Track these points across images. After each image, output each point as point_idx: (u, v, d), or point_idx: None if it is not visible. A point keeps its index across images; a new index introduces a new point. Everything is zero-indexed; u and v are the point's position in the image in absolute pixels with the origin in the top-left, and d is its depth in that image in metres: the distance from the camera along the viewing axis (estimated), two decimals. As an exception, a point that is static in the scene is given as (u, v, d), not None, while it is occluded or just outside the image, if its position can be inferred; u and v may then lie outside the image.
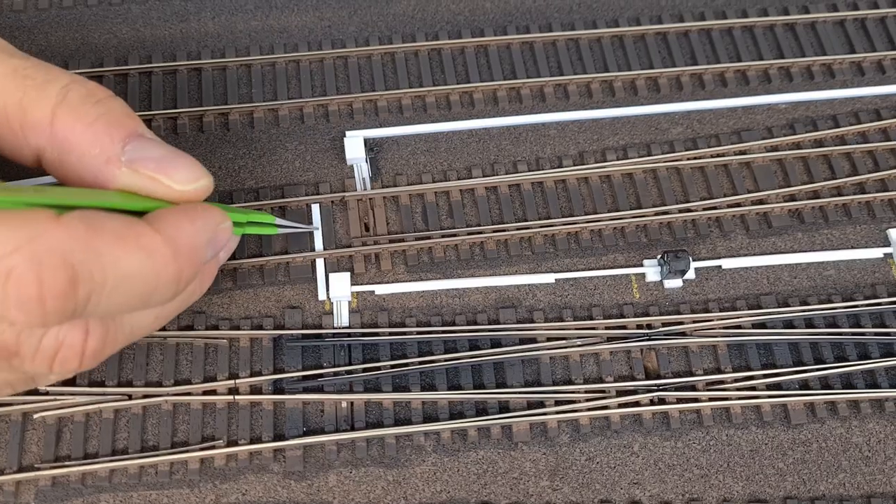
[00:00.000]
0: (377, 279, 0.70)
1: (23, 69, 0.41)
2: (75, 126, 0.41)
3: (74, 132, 0.41)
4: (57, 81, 0.41)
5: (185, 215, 0.44)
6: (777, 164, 0.76)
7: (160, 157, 0.44)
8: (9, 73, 0.40)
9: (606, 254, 0.72)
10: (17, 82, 0.40)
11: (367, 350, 0.67)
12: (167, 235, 0.42)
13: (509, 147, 0.75)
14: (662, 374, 0.67)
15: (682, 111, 0.78)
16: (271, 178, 0.73)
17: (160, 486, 0.63)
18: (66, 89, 0.41)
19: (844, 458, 0.66)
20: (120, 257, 0.39)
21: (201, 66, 0.77)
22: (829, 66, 0.80)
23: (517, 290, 0.70)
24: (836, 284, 0.71)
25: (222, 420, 0.64)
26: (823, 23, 0.83)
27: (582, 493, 0.64)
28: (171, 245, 0.42)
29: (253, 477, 0.63)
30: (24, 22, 0.80)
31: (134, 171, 0.43)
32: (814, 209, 0.74)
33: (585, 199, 0.73)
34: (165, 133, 0.74)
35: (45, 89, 0.41)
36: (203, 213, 0.45)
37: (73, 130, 0.41)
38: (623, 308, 0.69)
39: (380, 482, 0.63)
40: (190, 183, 0.45)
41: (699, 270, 0.71)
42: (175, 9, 0.81)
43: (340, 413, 0.65)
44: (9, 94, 0.40)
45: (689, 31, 0.82)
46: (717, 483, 0.65)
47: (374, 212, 0.72)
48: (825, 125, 0.77)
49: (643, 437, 0.66)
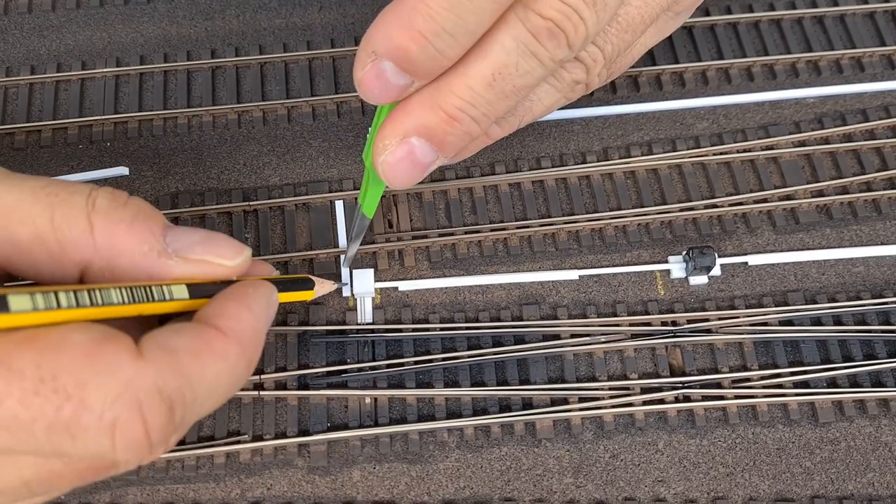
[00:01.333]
0: (400, 275, 0.70)
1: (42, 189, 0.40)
2: (117, 230, 0.41)
3: (118, 236, 0.41)
4: (80, 192, 0.41)
5: (241, 304, 0.44)
6: (805, 160, 0.75)
7: (201, 239, 0.44)
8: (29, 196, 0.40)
9: (631, 250, 0.71)
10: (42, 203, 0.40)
11: (391, 346, 0.67)
12: (232, 332, 0.42)
13: (533, 143, 0.75)
14: (687, 371, 0.67)
15: (707, 106, 0.77)
16: (295, 174, 0.73)
17: (186, 480, 0.63)
18: (91, 198, 0.41)
19: (874, 457, 0.65)
20: (203, 373, 0.40)
21: (224, 63, 0.78)
22: (859, 60, 0.79)
23: (541, 287, 0.70)
24: (865, 281, 0.70)
25: (248, 415, 0.65)
26: (853, 15, 0.81)
27: (606, 491, 0.64)
28: (238, 341, 0.42)
29: (278, 472, 0.64)
30: (52, 22, 0.81)
31: (184, 258, 0.43)
32: (842, 205, 0.73)
33: (609, 195, 0.73)
34: (190, 130, 0.75)
35: (73, 202, 0.40)
36: (255, 296, 0.45)
37: (117, 235, 0.41)
38: (648, 305, 0.69)
39: (403, 478, 0.64)
40: (237, 257, 0.45)
41: (725, 267, 0.71)
42: (200, 7, 0.82)
43: (364, 408, 0.65)
44: (37, 215, 0.40)
45: (715, 24, 0.81)
46: (743, 481, 0.64)
47: (398, 208, 0.72)
48: (854, 119, 0.76)
49: (668, 435, 0.65)
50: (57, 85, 0.77)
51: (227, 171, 0.73)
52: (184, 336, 0.40)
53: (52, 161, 0.74)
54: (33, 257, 0.40)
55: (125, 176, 0.73)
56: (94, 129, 0.75)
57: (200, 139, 0.75)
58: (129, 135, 0.75)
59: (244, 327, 0.43)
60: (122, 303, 0.40)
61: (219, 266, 0.45)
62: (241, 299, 0.44)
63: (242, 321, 0.43)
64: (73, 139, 0.75)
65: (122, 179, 0.73)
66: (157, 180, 0.73)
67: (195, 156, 0.74)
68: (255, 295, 0.45)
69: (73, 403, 0.35)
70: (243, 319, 0.43)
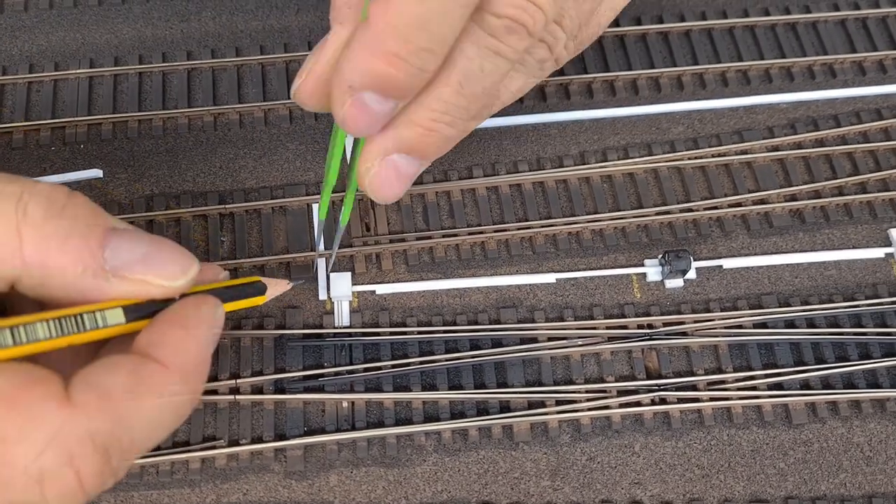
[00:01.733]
0: (378, 279, 0.70)
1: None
2: (49, 247, 0.37)
3: (50, 254, 0.37)
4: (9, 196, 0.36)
5: (181, 330, 0.40)
6: (778, 164, 0.76)
7: (144, 255, 0.40)
8: None
9: (608, 253, 0.72)
10: None
11: (368, 350, 0.67)
12: (173, 364, 0.39)
13: (510, 147, 0.75)
14: (663, 373, 0.67)
15: (683, 111, 0.78)
16: (271, 177, 0.73)
17: (161, 485, 0.62)
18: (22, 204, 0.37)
19: (846, 457, 0.66)
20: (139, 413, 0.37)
21: (199, 65, 0.77)
22: (831, 66, 0.80)
23: (518, 290, 0.70)
24: (837, 284, 0.71)
25: (223, 420, 0.64)
26: (825, 22, 0.82)
27: (583, 493, 0.64)
28: (180, 372, 0.39)
29: (254, 477, 0.63)
30: (24, 22, 0.80)
31: (122, 278, 0.39)
32: (815, 209, 0.74)
33: (587, 199, 0.73)
34: (165, 133, 0.74)
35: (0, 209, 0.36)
36: (197, 318, 0.42)
37: (48, 252, 0.37)
38: (624, 308, 0.69)
39: (381, 482, 0.63)
40: (181, 276, 0.41)
41: (700, 270, 0.71)
42: (176, 8, 0.81)
43: (341, 413, 0.65)
44: None
45: (690, 30, 0.82)
46: (719, 483, 0.65)
47: (375, 211, 0.72)
48: (826, 125, 0.77)
49: (644, 437, 0.66)
50: (29, 86, 0.76)
51: (203, 174, 0.73)
52: (118, 373, 0.37)
53: (23, 163, 0.73)
54: None
55: (99, 178, 0.72)
56: (68, 131, 0.74)
57: (176, 141, 0.74)
58: (104, 137, 0.74)
59: (187, 358, 0.39)
60: (50, 337, 0.37)
61: (160, 287, 0.41)
62: (184, 324, 0.41)
63: (185, 350, 0.39)
64: (46, 141, 0.74)
65: (95, 182, 0.72)
66: (132, 183, 0.72)
67: (170, 158, 0.73)
68: (197, 318, 0.41)
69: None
70: (186, 349, 0.40)
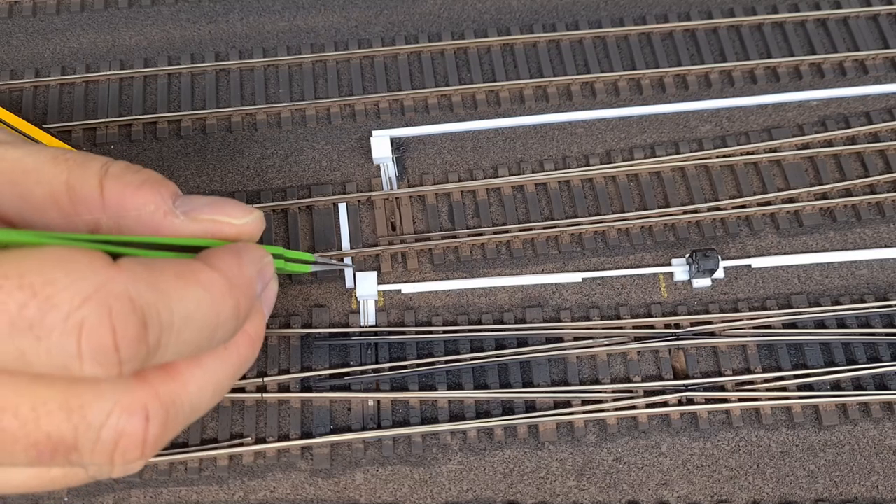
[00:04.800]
0: (404, 278, 0.70)
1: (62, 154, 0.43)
2: (125, 192, 0.43)
3: (125, 197, 0.43)
4: (96, 160, 0.43)
5: (231, 251, 0.45)
6: (808, 162, 0.74)
7: (211, 202, 0.45)
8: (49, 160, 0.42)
9: (634, 253, 0.71)
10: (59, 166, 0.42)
11: (394, 349, 0.67)
12: (220, 270, 0.42)
13: (536, 146, 0.75)
14: (691, 374, 0.67)
15: (710, 108, 0.77)
16: (298, 177, 0.73)
17: (189, 482, 0.63)
18: (106, 165, 0.43)
19: (878, 460, 0.65)
20: (182, 295, 0.39)
21: (229, 66, 0.78)
22: (862, 62, 0.79)
23: (544, 290, 0.70)
24: (868, 284, 0.70)
25: (251, 418, 0.65)
26: (856, 18, 0.81)
27: (609, 494, 0.63)
28: (225, 278, 0.42)
29: (281, 474, 0.64)
30: (56, 25, 0.81)
31: (192, 218, 0.44)
32: (846, 207, 0.73)
33: (613, 198, 0.73)
34: (194, 133, 0.75)
35: (88, 167, 0.43)
36: (247, 248, 0.46)
37: (124, 195, 0.43)
38: (651, 307, 0.69)
39: (406, 480, 0.64)
40: (247, 216, 0.46)
41: (728, 270, 0.70)
42: (204, 10, 0.82)
43: (367, 411, 0.65)
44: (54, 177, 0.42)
45: (717, 27, 0.81)
46: (747, 485, 0.64)
47: (401, 211, 0.72)
48: (858, 122, 0.76)
49: (671, 438, 0.65)
50: (61, 88, 0.78)
51: (231, 174, 0.73)
52: (171, 261, 0.41)
53: (56, 164, 0.74)
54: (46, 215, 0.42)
55: (129, 179, 0.73)
56: (98, 133, 0.75)
57: (205, 142, 0.75)
58: (133, 138, 0.75)
59: (233, 269, 0.42)
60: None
61: (227, 224, 0.45)
62: (233, 249, 0.45)
63: (232, 264, 0.43)
64: (77, 142, 0.75)
65: (125, 182, 0.73)
66: (161, 183, 0.73)
67: (199, 158, 0.74)
68: (247, 248, 0.46)
69: (39, 301, 0.34)
70: (233, 263, 0.43)
